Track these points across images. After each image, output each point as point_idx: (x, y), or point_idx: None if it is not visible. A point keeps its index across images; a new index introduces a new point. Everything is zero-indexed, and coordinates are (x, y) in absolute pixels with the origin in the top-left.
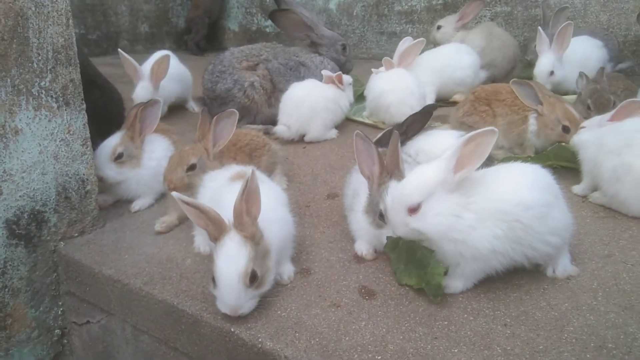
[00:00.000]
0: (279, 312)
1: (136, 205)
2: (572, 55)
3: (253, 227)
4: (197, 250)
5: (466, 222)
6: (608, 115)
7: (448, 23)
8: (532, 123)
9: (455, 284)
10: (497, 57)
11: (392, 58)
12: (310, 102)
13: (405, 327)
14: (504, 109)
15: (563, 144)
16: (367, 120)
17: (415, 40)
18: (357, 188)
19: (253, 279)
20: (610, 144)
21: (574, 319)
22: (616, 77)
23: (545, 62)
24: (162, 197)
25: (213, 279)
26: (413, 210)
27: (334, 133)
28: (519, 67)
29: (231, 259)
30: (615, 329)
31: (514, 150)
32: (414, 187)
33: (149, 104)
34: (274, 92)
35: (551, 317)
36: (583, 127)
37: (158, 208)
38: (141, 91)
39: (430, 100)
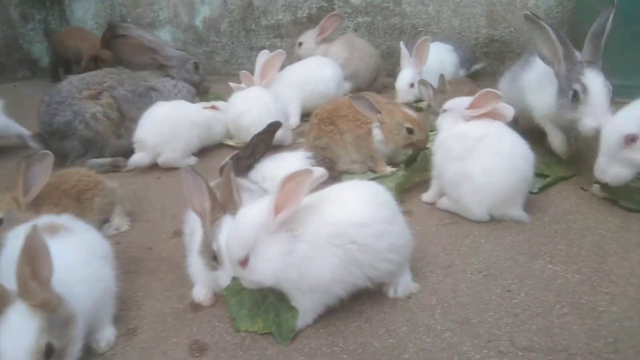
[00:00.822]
0: None
1: None
2: (428, 63)
3: (44, 293)
4: None
5: (301, 255)
6: (467, 101)
7: (309, 38)
8: (377, 133)
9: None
10: (360, 68)
11: None
12: (173, 120)
13: None
14: (348, 124)
15: (426, 152)
16: (231, 143)
17: (273, 53)
18: (194, 226)
19: (49, 354)
20: (455, 149)
21: (411, 344)
22: (462, 81)
23: (404, 76)
24: None
25: None
26: (243, 263)
27: (192, 160)
28: (382, 75)
29: (16, 335)
30: (450, 350)
31: (367, 163)
32: (236, 242)
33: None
34: (124, 121)
35: (388, 345)
36: (445, 110)
37: None
38: None
39: (295, 115)
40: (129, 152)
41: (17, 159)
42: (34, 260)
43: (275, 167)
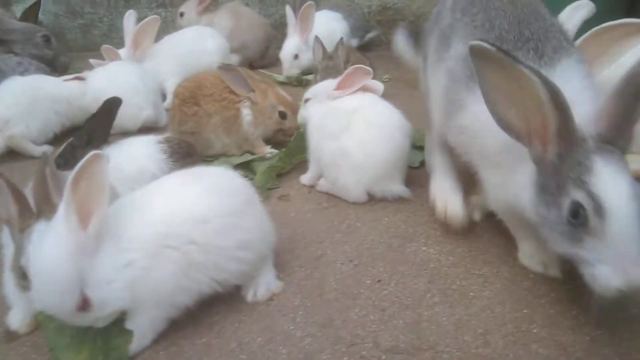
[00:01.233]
0: None
1: None
2: (317, 32)
3: None
4: None
5: (138, 266)
6: (334, 83)
7: (189, 8)
8: (247, 114)
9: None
10: (248, 39)
11: None
12: (28, 95)
13: None
14: (214, 105)
15: (301, 130)
16: None
17: (146, 19)
18: (5, 236)
19: None
20: (329, 126)
21: (264, 359)
22: (348, 50)
23: (288, 46)
24: None
25: None
26: (84, 306)
27: (46, 148)
28: (273, 47)
29: None
30: None
31: (243, 147)
32: (56, 293)
33: None
34: None
35: None
36: (308, 99)
37: None
38: None
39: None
40: None
41: None
42: None
43: (120, 156)
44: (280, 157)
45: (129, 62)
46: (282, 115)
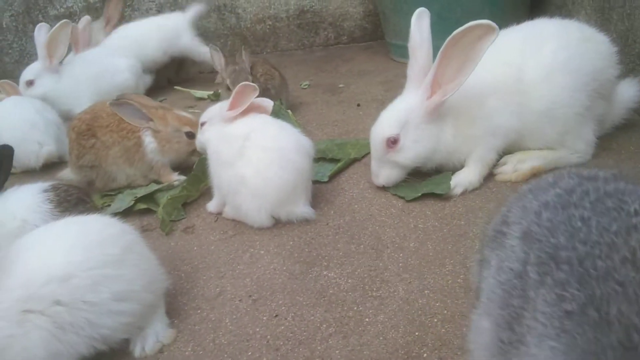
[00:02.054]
0: None
1: None
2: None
3: None
4: None
5: (4, 334)
6: (226, 103)
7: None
8: (150, 141)
9: None
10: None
11: None
12: None
13: None
14: (112, 136)
15: (203, 156)
16: None
17: (56, 25)
18: None
19: None
20: (224, 154)
21: None
22: (255, 61)
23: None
24: None
25: None
26: None
27: None
28: (189, 62)
29: None
30: None
31: (149, 176)
32: None
33: None
34: None
35: None
36: (204, 123)
37: None
38: None
39: None
40: None
41: None
42: None
43: (14, 205)
44: (184, 185)
45: (26, 97)
46: (190, 136)
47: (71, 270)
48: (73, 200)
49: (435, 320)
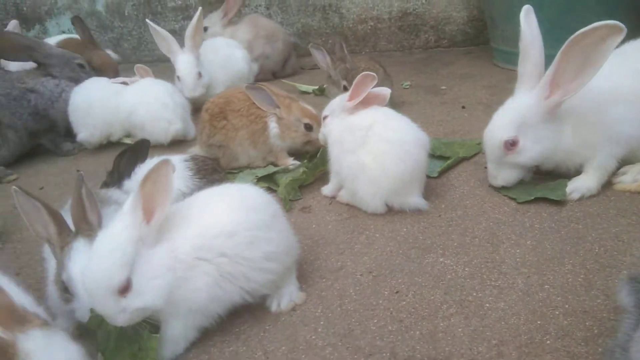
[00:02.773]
0: None
1: None
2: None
3: None
4: None
5: (178, 274)
6: (346, 95)
7: (213, 22)
8: (273, 127)
9: (162, 352)
10: (266, 50)
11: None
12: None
13: None
14: (242, 119)
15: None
16: (128, 141)
17: (195, 16)
18: (46, 251)
19: None
20: (347, 142)
21: None
22: (358, 59)
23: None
24: None
25: None
26: (125, 289)
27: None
28: (294, 56)
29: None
30: None
31: (267, 159)
32: (111, 266)
33: None
34: None
35: None
36: (326, 116)
37: None
38: None
39: None
40: (9, 161)
41: None
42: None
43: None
44: (304, 170)
45: (159, 80)
46: (308, 128)
47: (235, 228)
48: (209, 170)
49: (557, 312)
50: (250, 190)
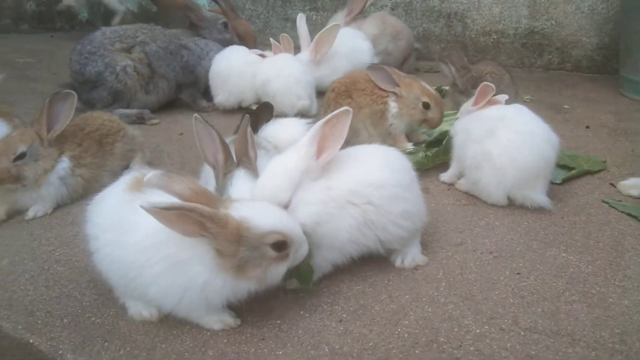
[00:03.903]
0: (92, 318)
1: None
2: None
3: None
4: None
5: (328, 210)
6: (471, 100)
7: (337, 21)
8: (393, 106)
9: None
10: (389, 47)
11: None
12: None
13: (232, 330)
14: (366, 98)
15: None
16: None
17: (330, 25)
18: (208, 178)
19: None
20: (474, 131)
21: (411, 312)
22: (490, 62)
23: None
24: None
25: None
26: (286, 206)
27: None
28: (413, 57)
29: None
30: (451, 321)
31: (386, 141)
32: (280, 184)
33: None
34: (153, 77)
35: (389, 311)
36: (457, 118)
37: None
38: None
39: None
40: (155, 107)
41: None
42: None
43: (276, 130)
44: (424, 154)
45: (295, 57)
46: (426, 106)
47: (384, 181)
48: None
49: None
50: (397, 153)
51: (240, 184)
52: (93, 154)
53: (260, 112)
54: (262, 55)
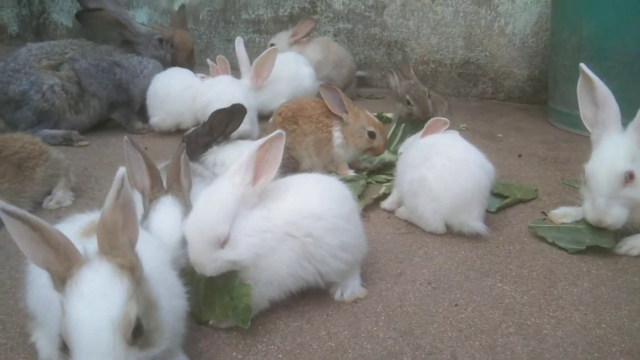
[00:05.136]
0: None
1: None
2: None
3: (133, 254)
4: None
5: (268, 242)
6: (419, 135)
7: (281, 40)
8: (337, 136)
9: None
10: (332, 74)
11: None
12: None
13: None
14: (311, 126)
15: None
16: None
17: (266, 51)
18: (138, 204)
19: (137, 332)
20: (410, 157)
21: (350, 349)
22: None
23: None
24: None
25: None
26: (224, 241)
27: None
28: (354, 84)
29: (96, 300)
30: (390, 358)
31: (328, 168)
32: (216, 217)
33: None
34: (83, 96)
35: (327, 348)
36: (401, 153)
37: None
38: None
39: None
40: (86, 128)
41: None
42: (126, 210)
43: (230, 154)
44: (364, 181)
45: (234, 79)
46: (372, 135)
47: (323, 213)
48: (291, 167)
49: (614, 349)
50: (338, 182)
51: (163, 210)
52: (10, 179)
53: (229, 114)
54: (203, 77)
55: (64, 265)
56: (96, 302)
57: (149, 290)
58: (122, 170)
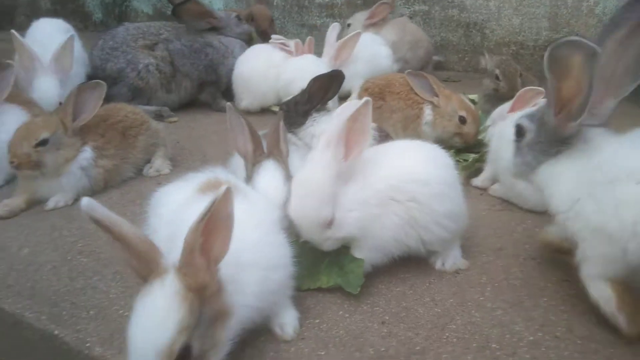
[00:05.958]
0: (120, 310)
1: None
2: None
3: (206, 275)
4: None
5: (371, 211)
6: (507, 106)
7: (357, 21)
8: (428, 114)
9: None
10: (407, 55)
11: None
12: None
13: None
14: (399, 102)
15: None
16: (275, 109)
17: (351, 34)
18: (237, 168)
19: (184, 358)
20: (509, 134)
21: (458, 316)
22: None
23: None
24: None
25: None
26: (330, 223)
27: None
28: (430, 66)
29: (151, 324)
30: (501, 327)
31: None
32: (319, 202)
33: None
34: (175, 76)
35: (434, 314)
36: (487, 127)
37: (6, 189)
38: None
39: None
40: (175, 107)
41: None
42: (213, 230)
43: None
44: (459, 161)
45: (317, 58)
46: (462, 120)
47: (429, 178)
48: (384, 135)
49: None
50: (442, 150)
51: (267, 173)
52: (116, 145)
53: (328, 80)
54: (285, 45)
55: (144, 272)
56: (148, 329)
57: (223, 302)
58: (212, 197)
